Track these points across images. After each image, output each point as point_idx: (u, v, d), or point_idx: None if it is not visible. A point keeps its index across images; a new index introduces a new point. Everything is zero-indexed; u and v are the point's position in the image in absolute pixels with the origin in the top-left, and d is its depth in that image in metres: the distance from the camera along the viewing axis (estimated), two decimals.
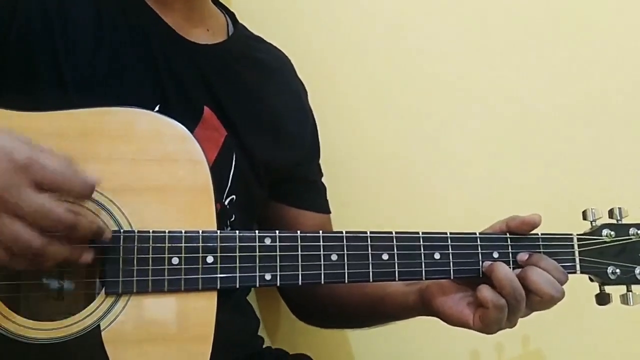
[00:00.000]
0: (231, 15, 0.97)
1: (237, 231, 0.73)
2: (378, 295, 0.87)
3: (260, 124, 0.90)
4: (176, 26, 0.85)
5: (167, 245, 0.70)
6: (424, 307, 0.82)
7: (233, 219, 0.86)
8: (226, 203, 0.85)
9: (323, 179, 1.02)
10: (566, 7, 1.17)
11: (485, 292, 0.75)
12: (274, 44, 1.00)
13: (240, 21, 0.97)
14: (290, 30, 1.11)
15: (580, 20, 1.17)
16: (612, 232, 0.82)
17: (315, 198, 1.00)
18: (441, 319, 0.81)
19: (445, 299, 0.80)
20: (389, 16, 1.15)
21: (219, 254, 0.71)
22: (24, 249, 0.60)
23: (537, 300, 0.76)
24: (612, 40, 1.17)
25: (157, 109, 0.80)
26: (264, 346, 0.99)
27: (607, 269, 0.81)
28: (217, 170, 0.79)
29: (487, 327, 0.77)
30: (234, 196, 0.86)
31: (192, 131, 0.75)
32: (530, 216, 0.79)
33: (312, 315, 1.01)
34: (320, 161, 1.02)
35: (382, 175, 1.14)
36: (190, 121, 0.77)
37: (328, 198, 1.01)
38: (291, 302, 1.02)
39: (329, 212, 1.01)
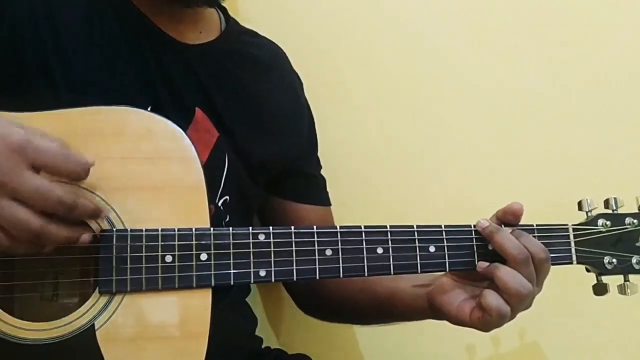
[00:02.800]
0: (223, 10, 0.96)
1: (231, 228, 0.72)
2: (388, 296, 0.87)
3: (254, 122, 0.90)
4: (167, 28, 0.85)
5: (160, 243, 0.70)
6: (431, 310, 0.82)
7: (228, 219, 0.86)
8: (220, 204, 0.85)
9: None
10: (566, 6, 1.17)
11: (489, 300, 0.75)
12: (272, 38, 0.99)
13: (238, 16, 0.97)
14: (288, 24, 1.10)
15: (578, 19, 1.18)
16: (608, 222, 0.82)
17: (316, 191, 0.99)
18: (445, 319, 0.81)
19: (445, 297, 0.80)
20: (388, 10, 1.14)
21: (212, 251, 0.71)
22: (24, 231, 0.61)
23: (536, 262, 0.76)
24: (609, 36, 1.17)
25: (148, 110, 0.80)
26: (262, 346, 0.99)
27: (603, 259, 0.81)
28: (209, 172, 0.79)
29: (487, 328, 0.77)
30: (227, 197, 0.86)
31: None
32: (511, 204, 0.79)
33: (318, 309, 1.00)
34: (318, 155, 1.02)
35: (379, 173, 1.14)
36: (182, 123, 0.77)
37: None
38: (296, 295, 1.01)
39: (329, 204, 1.00)
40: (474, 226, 0.78)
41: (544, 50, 1.16)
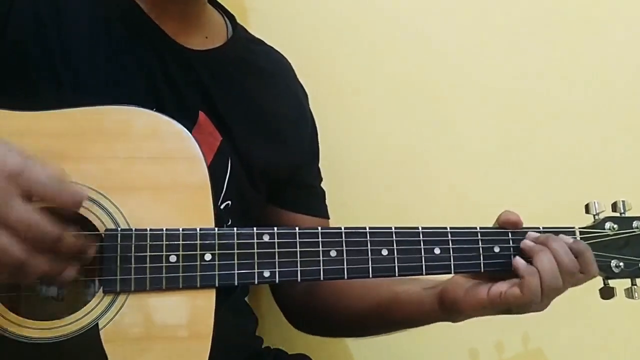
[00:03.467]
0: (230, 17, 0.96)
1: (235, 228, 0.72)
2: (392, 300, 0.86)
3: (257, 129, 0.90)
4: (172, 33, 0.85)
5: (164, 243, 0.70)
6: (442, 309, 0.81)
7: (229, 223, 0.85)
8: (221, 208, 0.85)
9: (323, 182, 1.01)
10: (569, 6, 1.17)
11: (534, 281, 0.74)
12: (275, 46, 0.99)
13: (244, 22, 0.97)
14: (292, 32, 1.11)
15: (583, 20, 1.17)
16: (615, 225, 0.81)
17: (314, 202, 0.99)
18: (460, 311, 0.79)
19: (460, 290, 0.79)
20: (390, 15, 1.15)
21: (217, 252, 0.71)
22: (6, 258, 0.59)
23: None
24: (613, 39, 1.17)
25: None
26: (263, 346, 0.98)
27: (610, 262, 0.80)
28: (213, 176, 0.78)
29: (505, 303, 0.75)
30: (229, 201, 0.85)
31: None
32: (507, 215, 0.79)
33: (313, 322, 0.99)
34: (321, 162, 1.01)
35: (383, 174, 1.14)
36: (185, 125, 0.76)
37: (328, 200, 1.00)
38: (289, 307, 1.00)
39: (327, 217, 1.00)
40: (480, 228, 0.78)
41: (550, 51, 1.16)
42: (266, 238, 0.72)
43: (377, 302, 0.88)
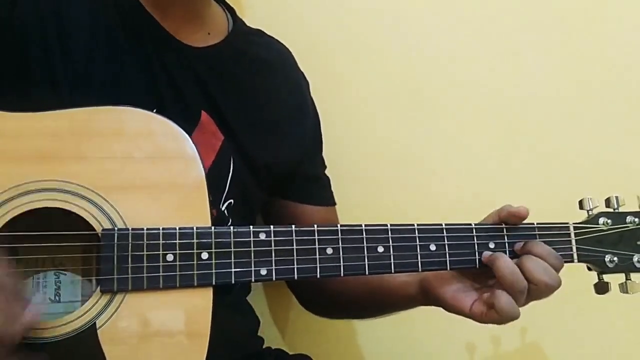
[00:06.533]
0: (231, 10, 0.96)
1: (232, 227, 0.72)
2: (379, 285, 0.88)
3: (259, 125, 0.90)
4: (174, 31, 0.85)
5: (161, 242, 0.70)
6: (424, 297, 0.83)
7: (230, 223, 0.86)
8: (223, 208, 0.85)
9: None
10: (567, 7, 1.18)
11: (503, 302, 0.75)
12: (277, 37, 0.99)
13: (244, 15, 0.97)
14: (294, 24, 1.11)
15: (578, 19, 1.18)
16: (609, 220, 0.82)
17: (320, 192, 0.99)
18: (438, 305, 0.82)
19: (445, 288, 0.80)
20: (393, 10, 1.15)
21: (213, 250, 0.71)
22: None
23: (533, 288, 0.76)
24: (609, 37, 1.18)
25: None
26: (263, 346, 0.99)
27: (604, 257, 0.81)
28: (215, 176, 0.78)
29: (486, 323, 0.78)
30: (231, 201, 0.86)
31: (189, 136, 0.74)
32: (518, 208, 0.79)
33: (320, 304, 1.01)
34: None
35: (380, 172, 1.15)
36: (188, 126, 0.77)
37: None
38: (299, 292, 1.02)
39: (334, 204, 1.00)
40: (475, 224, 0.79)
41: (544, 50, 1.17)
42: (262, 236, 0.73)
43: (369, 289, 0.90)
